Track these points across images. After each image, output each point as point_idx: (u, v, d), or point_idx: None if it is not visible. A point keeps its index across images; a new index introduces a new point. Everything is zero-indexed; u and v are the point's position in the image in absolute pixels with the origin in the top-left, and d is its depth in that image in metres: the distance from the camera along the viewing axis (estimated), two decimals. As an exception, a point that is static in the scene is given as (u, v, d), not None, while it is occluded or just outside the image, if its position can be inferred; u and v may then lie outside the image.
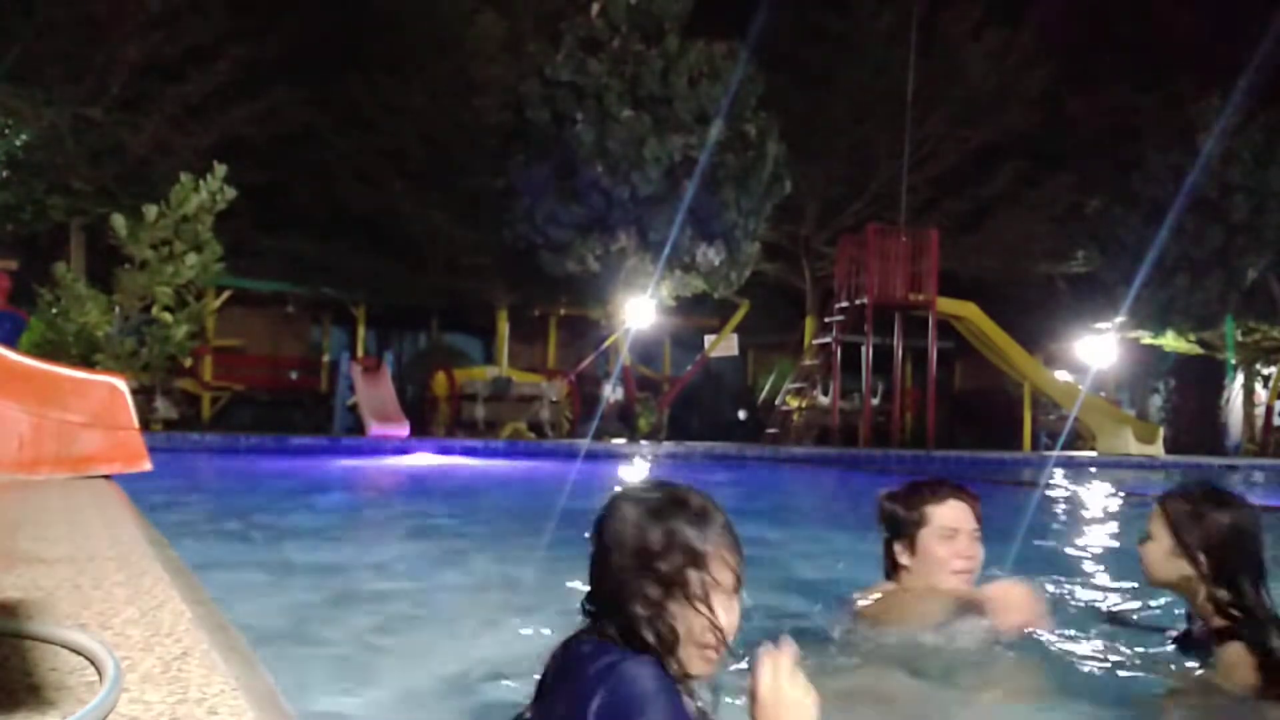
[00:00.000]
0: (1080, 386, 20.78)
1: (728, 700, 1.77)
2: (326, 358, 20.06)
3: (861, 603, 2.93)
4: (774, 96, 17.11)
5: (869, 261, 18.41)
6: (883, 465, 14.74)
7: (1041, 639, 2.84)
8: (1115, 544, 6.43)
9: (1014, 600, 2.72)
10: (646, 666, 1.58)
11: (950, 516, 2.81)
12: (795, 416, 19.89)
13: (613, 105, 15.59)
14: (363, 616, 3.38)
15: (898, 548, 2.86)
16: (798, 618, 3.43)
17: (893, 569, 2.89)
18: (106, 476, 4.63)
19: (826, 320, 19.70)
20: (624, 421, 18.26)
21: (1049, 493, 10.15)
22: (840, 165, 21.25)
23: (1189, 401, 24.64)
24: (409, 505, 8.37)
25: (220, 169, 13.49)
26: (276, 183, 17.62)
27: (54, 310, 13.35)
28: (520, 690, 2.59)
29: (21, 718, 1.21)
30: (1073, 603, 3.92)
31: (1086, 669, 2.82)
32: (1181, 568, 2.55)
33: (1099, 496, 10.69)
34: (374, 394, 16.65)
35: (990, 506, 2.98)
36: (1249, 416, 22.68)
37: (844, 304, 19.02)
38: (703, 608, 1.62)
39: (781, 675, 1.60)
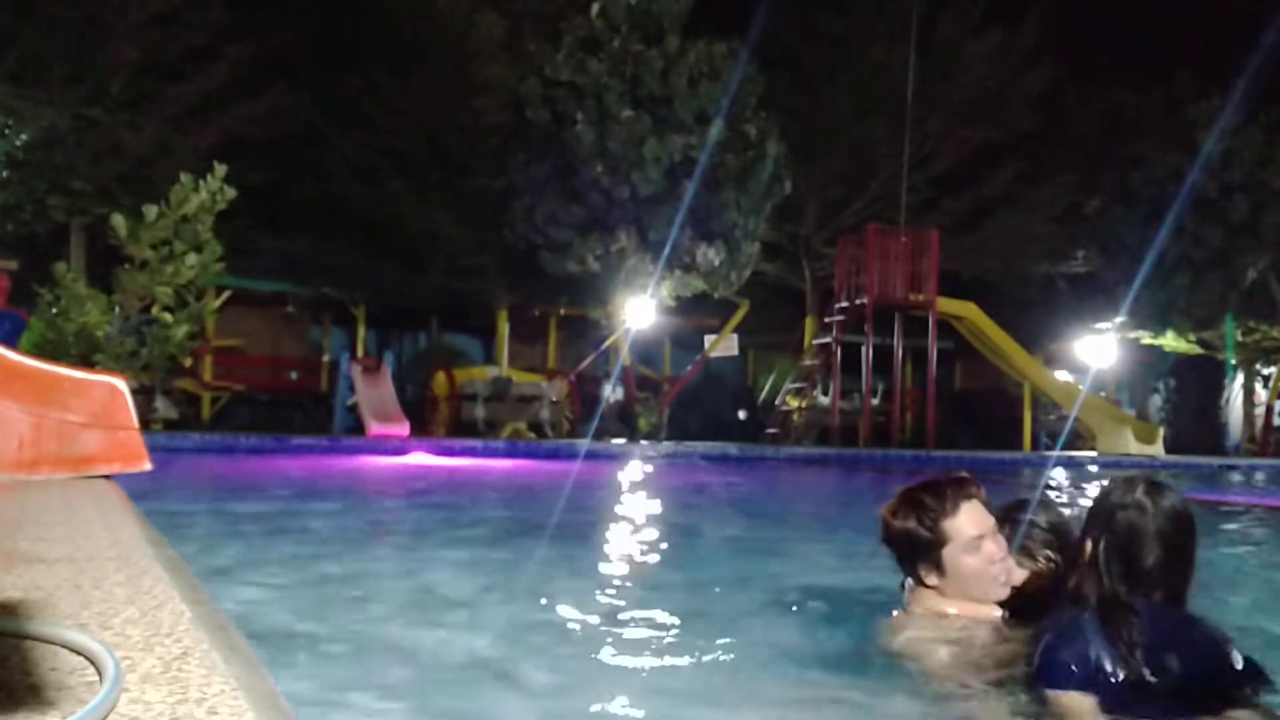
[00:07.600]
0: (1080, 386, 20.78)
1: None
2: (326, 358, 20.05)
3: (904, 635, 2.68)
4: (774, 96, 17.11)
5: (869, 261, 18.41)
6: (883, 465, 14.75)
7: None
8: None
9: None
10: None
11: (970, 524, 2.63)
12: (795, 416, 19.89)
13: (613, 105, 15.59)
14: (361, 617, 3.38)
15: (922, 570, 2.69)
16: (799, 618, 3.44)
17: (919, 585, 2.73)
18: (106, 476, 4.62)
19: (826, 320, 19.69)
20: (624, 421, 18.27)
21: (1049, 493, 10.13)
22: (840, 165, 21.25)
23: (1189, 401, 24.67)
24: (408, 506, 8.36)
25: (220, 169, 13.47)
26: (276, 183, 17.60)
27: (54, 310, 13.33)
28: (520, 689, 2.59)
29: (21, 718, 1.21)
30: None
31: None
32: None
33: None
34: (374, 394, 16.66)
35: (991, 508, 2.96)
36: (1249, 416, 22.69)
37: (844, 304, 19.01)
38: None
39: None
